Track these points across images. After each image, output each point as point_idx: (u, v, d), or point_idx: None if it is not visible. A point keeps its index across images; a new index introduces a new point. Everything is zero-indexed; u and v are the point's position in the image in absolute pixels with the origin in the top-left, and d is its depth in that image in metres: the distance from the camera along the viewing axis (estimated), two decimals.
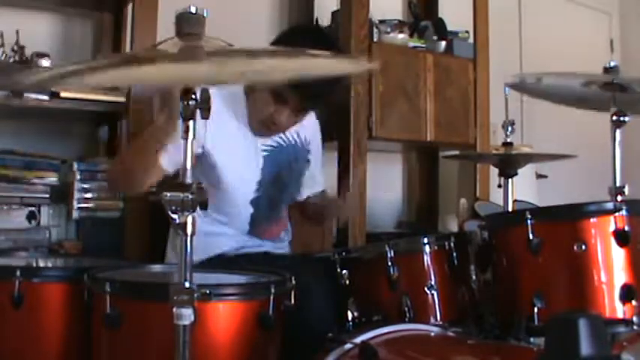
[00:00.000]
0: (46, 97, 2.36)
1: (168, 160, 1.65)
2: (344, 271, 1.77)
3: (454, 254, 1.79)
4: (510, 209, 2.09)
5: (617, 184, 1.72)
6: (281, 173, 2.01)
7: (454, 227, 3.44)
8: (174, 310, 1.12)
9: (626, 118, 1.74)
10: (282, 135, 2.01)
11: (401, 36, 3.33)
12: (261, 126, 1.92)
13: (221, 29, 1.23)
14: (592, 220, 1.62)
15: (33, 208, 2.45)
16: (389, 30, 3.30)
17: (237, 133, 1.92)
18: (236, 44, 1.16)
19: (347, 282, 1.77)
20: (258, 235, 2.01)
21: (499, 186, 2.12)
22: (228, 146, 1.89)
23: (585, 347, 1.03)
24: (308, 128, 2.11)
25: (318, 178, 2.20)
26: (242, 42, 1.16)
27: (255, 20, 3.24)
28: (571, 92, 1.93)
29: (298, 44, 1.85)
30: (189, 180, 1.14)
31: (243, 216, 1.97)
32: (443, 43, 3.48)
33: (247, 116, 1.93)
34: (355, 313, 1.63)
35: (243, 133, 1.94)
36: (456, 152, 3.43)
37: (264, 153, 1.98)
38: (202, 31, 1.12)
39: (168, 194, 1.13)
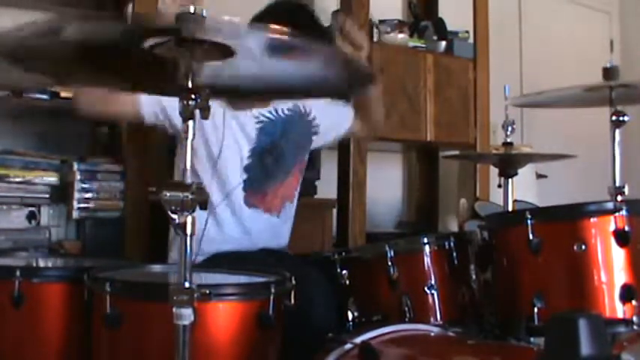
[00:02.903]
0: (46, 97, 2.37)
1: (146, 103, 1.85)
2: (344, 271, 1.77)
3: (454, 254, 1.79)
4: (510, 209, 2.09)
5: (617, 184, 1.72)
6: (277, 143, 2.03)
7: (454, 227, 3.44)
8: (174, 310, 1.12)
9: (626, 118, 1.75)
10: (272, 110, 2.04)
11: (401, 36, 3.34)
12: None
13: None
14: (592, 220, 1.62)
15: (33, 208, 2.45)
16: (389, 30, 3.30)
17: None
18: None
19: (347, 282, 1.77)
20: (252, 203, 2.00)
21: (499, 186, 2.12)
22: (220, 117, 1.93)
23: (585, 347, 1.03)
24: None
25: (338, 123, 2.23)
26: None
27: None
28: (571, 98, 1.93)
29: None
30: (189, 180, 1.14)
31: (237, 183, 1.97)
32: (443, 43, 3.48)
33: None
34: (355, 313, 1.63)
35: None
36: (456, 152, 3.44)
37: (258, 125, 2.01)
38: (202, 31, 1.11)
39: (168, 194, 1.13)
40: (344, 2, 3.08)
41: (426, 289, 1.75)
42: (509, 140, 2.08)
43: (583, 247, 1.59)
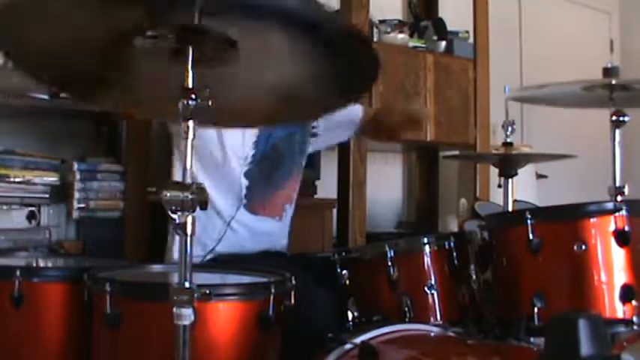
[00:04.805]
0: (46, 97, 2.37)
1: None
2: (344, 271, 1.77)
3: (454, 254, 1.79)
4: (510, 209, 2.09)
5: (617, 184, 1.72)
6: (277, 146, 2.02)
7: (454, 227, 3.44)
8: (174, 310, 1.12)
9: (626, 118, 1.75)
10: None
11: (401, 36, 3.34)
12: None
13: None
14: (592, 220, 1.62)
15: (33, 208, 2.45)
16: (389, 30, 3.31)
17: None
18: None
19: (347, 282, 1.77)
20: (254, 210, 1.99)
21: (499, 186, 2.11)
22: None
23: (585, 347, 1.03)
24: None
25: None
26: None
27: None
28: (571, 96, 1.93)
29: None
30: (189, 180, 1.14)
31: (238, 189, 1.95)
32: (443, 43, 3.48)
33: None
34: (355, 313, 1.63)
35: None
36: (456, 152, 3.44)
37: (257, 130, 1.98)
38: None
39: (168, 194, 1.13)
40: (344, 2, 3.08)
41: (426, 289, 1.74)
42: (509, 140, 2.07)
43: (583, 247, 1.59)
